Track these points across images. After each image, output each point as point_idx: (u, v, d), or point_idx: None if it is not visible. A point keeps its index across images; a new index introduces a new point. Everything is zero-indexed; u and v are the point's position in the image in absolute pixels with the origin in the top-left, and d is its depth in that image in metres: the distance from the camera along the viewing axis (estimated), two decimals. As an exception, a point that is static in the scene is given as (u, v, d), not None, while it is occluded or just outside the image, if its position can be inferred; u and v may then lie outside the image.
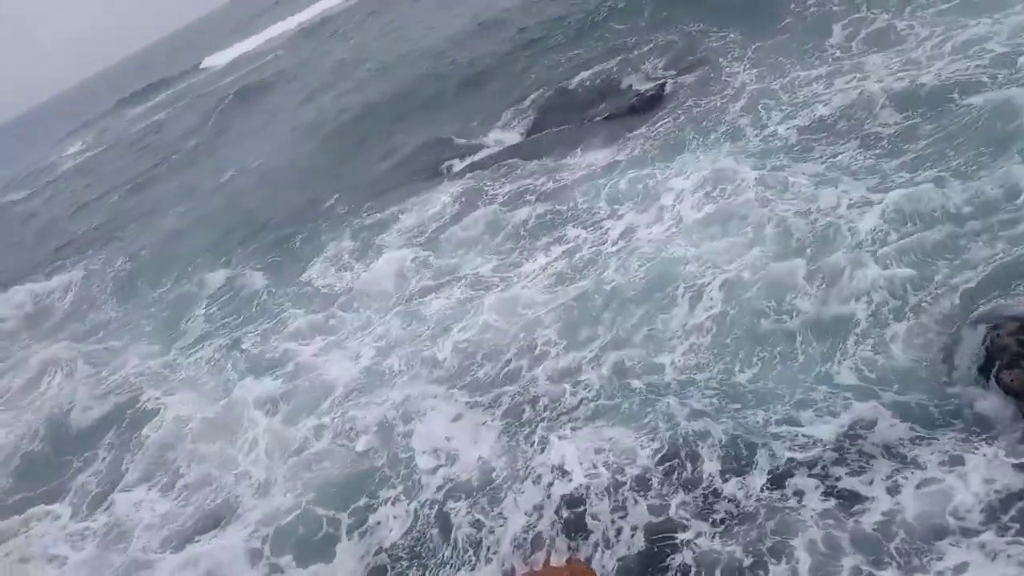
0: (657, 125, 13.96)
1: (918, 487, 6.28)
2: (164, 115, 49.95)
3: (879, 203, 8.97)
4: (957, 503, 6.04)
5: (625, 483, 7.40)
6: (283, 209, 18.93)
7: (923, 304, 7.74)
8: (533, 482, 7.86)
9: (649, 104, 15.05)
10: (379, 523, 8.39)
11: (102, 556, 9.71)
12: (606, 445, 7.87)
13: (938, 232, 8.31)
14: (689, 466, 7.31)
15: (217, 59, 64.13)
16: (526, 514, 7.60)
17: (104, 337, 16.78)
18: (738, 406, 7.67)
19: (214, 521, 9.45)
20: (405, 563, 7.81)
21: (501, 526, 7.65)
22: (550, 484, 7.75)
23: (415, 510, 8.29)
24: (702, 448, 7.39)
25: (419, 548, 7.90)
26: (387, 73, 27.97)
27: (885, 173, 9.63)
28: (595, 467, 7.68)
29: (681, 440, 7.54)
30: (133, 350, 15.13)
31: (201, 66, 65.09)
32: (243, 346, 13.36)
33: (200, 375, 13.11)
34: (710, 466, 7.21)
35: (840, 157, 10.41)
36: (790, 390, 7.58)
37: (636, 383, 8.56)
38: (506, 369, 9.73)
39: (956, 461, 6.31)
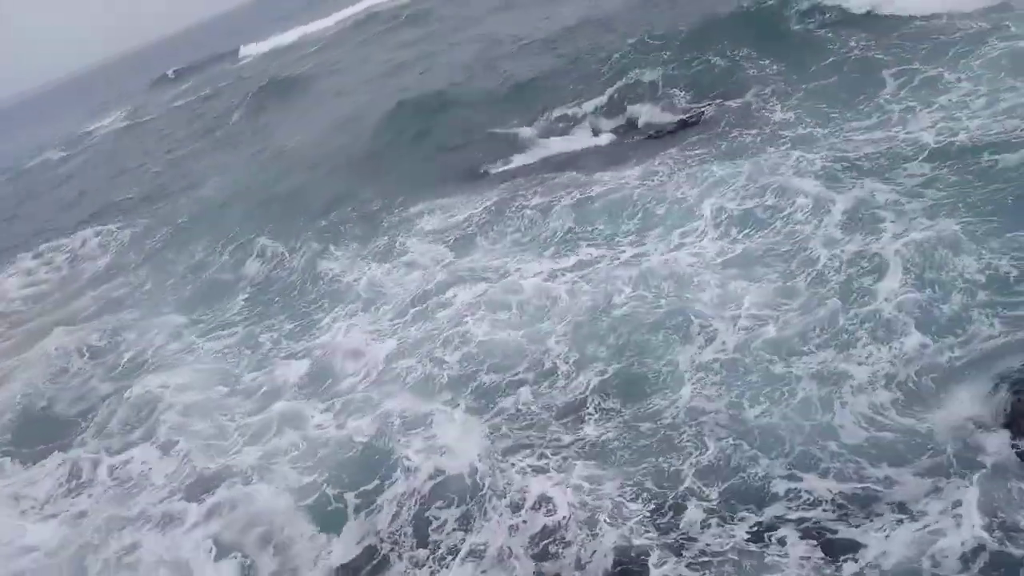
0: (694, 150, 14.03)
1: (912, 534, 6.23)
2: (206, 92, 50.49)
3: (899, 257, 8.94)
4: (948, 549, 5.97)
5: (604, 520, 7.38)
6: (322, 194, 19.08)
7: (945, 360, 7.67)
8: (515, 506, 7.87)
9: (687, 128, 15.21)
10: (361, 512, 8.51)
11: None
12: (597, 479, 7.89)
13: (955, 294, 8.26)
14: (679, 513, 7.27)
15: (258, 47, 64.59)
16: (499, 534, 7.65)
17: (128, 305, 17.10)
18: (742, 448, 7.63)
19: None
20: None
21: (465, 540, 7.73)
22: (532, 508, 7.79)
23: (391, 508, 8.40)
24: (694, 496, 7.36)
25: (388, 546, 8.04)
26: (431, 73, 28.19)
27: (910, 226, 9.57)
28: (581, 501, 7.67)
29: (675, 486, 7.52)
30: (154, 324, 15.35)
31: (240, 54, 65.57)
32: (258, 335, 13.59)
33: (214, 357, 13.28)
34: (694, 513, 7.17)
35: (870, 208, 10.33)
36: (793, 438, 7.52)
37: (633, 416, 8.56)
38: (511, 380, 9.80)
39: (956, 506, 6.26)
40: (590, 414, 8.89)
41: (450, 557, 7.66)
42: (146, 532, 9.37)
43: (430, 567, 7.67)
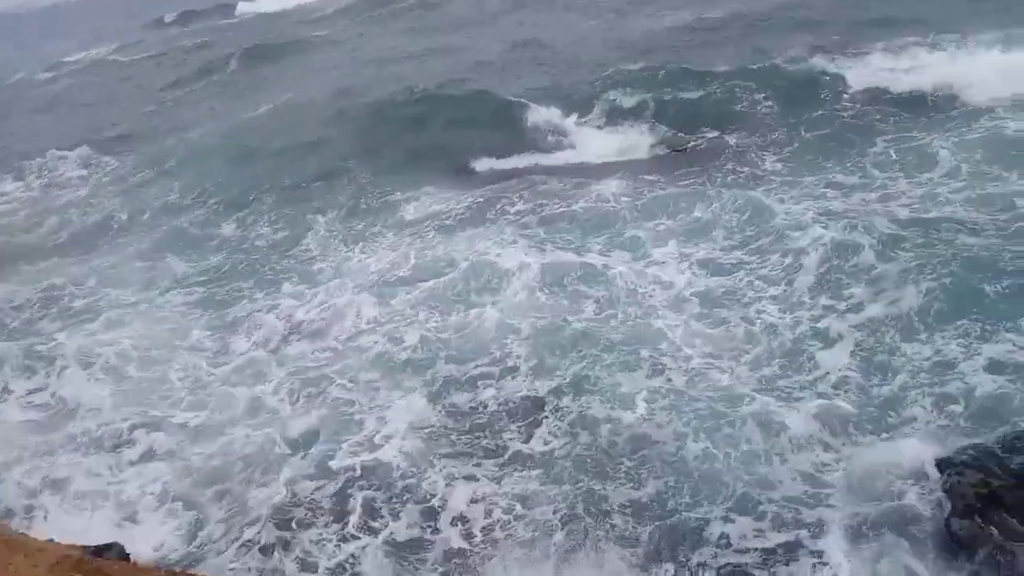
0: (684, 179, 14.33)
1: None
2: (203, 40, 49.43)
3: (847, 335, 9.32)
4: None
5: (516, 537, 7.54)
6: (311, 163, 18.88)
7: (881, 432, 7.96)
8: (428, 510, 8.06)
9: (681, 155, 15.61)
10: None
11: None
12: (522, 496, 8.05)
13: (899, 375, 8.59)
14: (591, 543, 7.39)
15: (254, 6, 63.04)
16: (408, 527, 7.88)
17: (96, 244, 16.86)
18: (676, 487, 7.80)
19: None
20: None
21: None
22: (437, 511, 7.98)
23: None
24: (608, 527, 7.50)
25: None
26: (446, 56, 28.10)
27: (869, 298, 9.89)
28: (503, 518, 7.81)
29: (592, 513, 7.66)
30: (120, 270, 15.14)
31: (237, 10, 64.04)
32: (216, 296, 13.44)
33: (165, 315, 13.12)
34: (613, 552, 7.27)
35: (840, 272, 10.60)
36: (732, 487, 7.68)
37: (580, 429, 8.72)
38: (469, 375, 9.92)
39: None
40: (543, 419, 9.01)
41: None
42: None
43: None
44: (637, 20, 27.76)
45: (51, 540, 4.64)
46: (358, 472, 8.60)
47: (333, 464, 8.77)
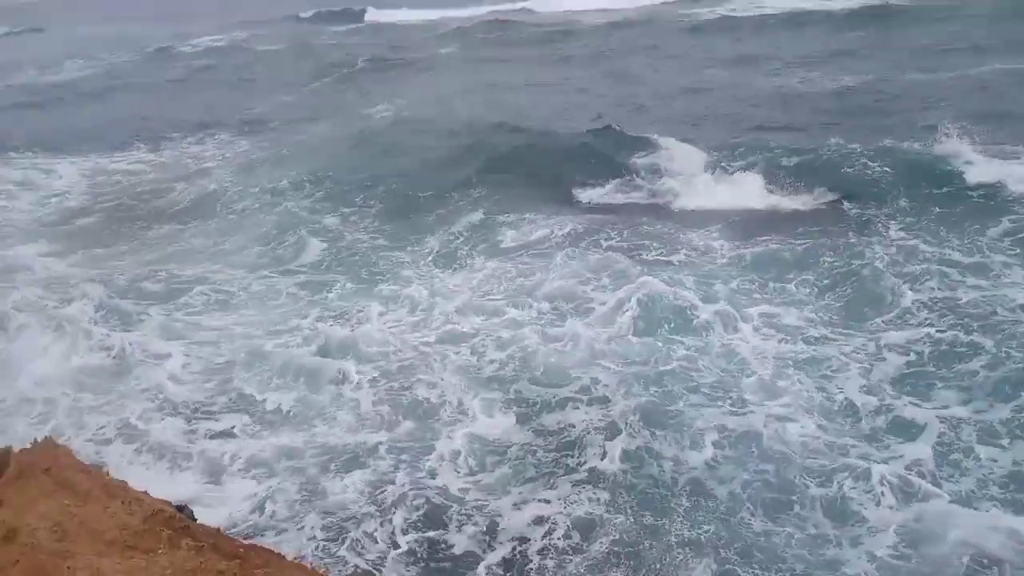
0: (794, 242, 13.94)
1: None
2: (338, 40, 51.41)
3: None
4: None
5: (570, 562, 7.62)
6: (418, 173, 19.35)
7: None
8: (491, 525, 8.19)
9: (799, 216, 15.38)
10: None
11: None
12: (583, 520, 8.13)
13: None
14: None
15: (382, 14, 65.25)
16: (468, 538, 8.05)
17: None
18: (729, 543, 7.67)
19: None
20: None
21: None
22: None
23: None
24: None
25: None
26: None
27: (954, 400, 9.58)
28: (560, 544, 7.87)
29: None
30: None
31: (366, 17, 66.32)
32: (310, 284, 13.97)
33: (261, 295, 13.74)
34: None
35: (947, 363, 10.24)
36: (792, 565, 7.48)
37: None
38: (551, 398, 10.03)
39: None
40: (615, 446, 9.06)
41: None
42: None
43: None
44: (764, 78, 27.61)
45: (145, 492, 4.90)
46: (428, 477, 8.81)
47: (405, 466, 9.02)
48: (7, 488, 4.69)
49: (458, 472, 8.92)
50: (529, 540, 7.92)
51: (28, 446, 5.09)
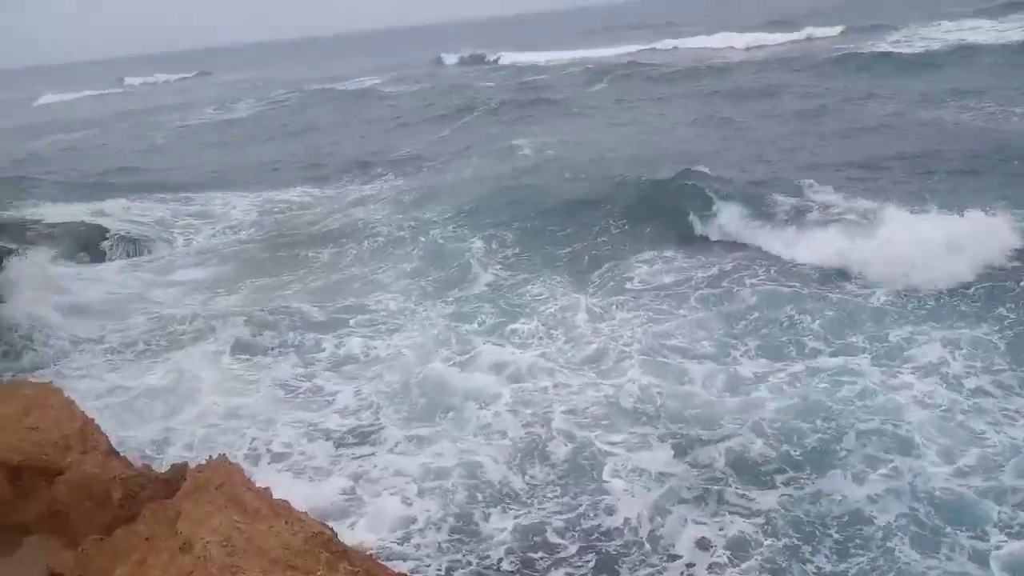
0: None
1: None
2: (481, 82, 53.17)
3: None
4: None
5: None
6: (556, 213, 19.40)
7: None
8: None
9: None
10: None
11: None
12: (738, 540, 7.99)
13: None
14: None
15: (514, 56, 67.81)
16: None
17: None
18: None
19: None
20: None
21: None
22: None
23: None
24: None
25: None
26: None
27: None
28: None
29: None
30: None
31: (501, 60, 68.88)
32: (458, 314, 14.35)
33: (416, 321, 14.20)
34: None
35: None
36: None
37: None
38: (706, 435, 9.70)
39: None
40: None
41: None
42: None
43: None
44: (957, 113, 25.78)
45: (305, 513, 5.07)
46: (587, 513, 8.69)
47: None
48: (184, 501, 4.96)
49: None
50: (695, 564, 7.79)
51: (203, 462, 5.39)
